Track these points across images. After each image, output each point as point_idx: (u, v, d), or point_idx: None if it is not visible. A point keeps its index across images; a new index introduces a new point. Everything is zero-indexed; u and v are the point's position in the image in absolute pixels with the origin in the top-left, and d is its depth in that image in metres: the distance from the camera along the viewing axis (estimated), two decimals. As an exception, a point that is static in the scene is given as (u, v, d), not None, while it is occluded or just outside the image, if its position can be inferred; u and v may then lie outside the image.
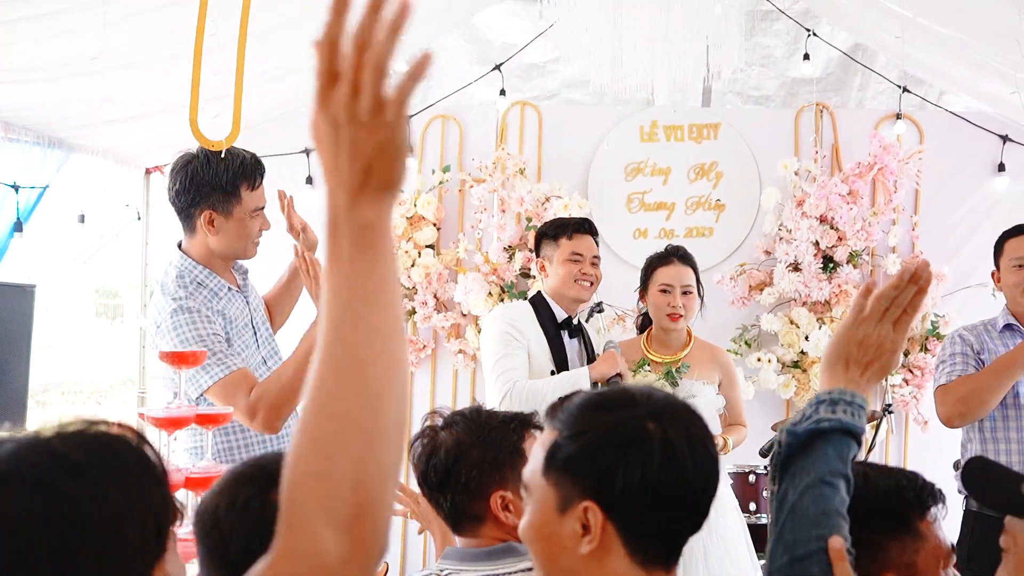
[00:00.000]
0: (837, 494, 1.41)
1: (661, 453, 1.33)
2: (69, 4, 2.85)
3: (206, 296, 2.88)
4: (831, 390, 1.48)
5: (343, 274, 1.02)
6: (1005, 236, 3.59)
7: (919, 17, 4.24)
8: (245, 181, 2.96)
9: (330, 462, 0.98)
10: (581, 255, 3.67)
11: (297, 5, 3.55)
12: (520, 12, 5.48)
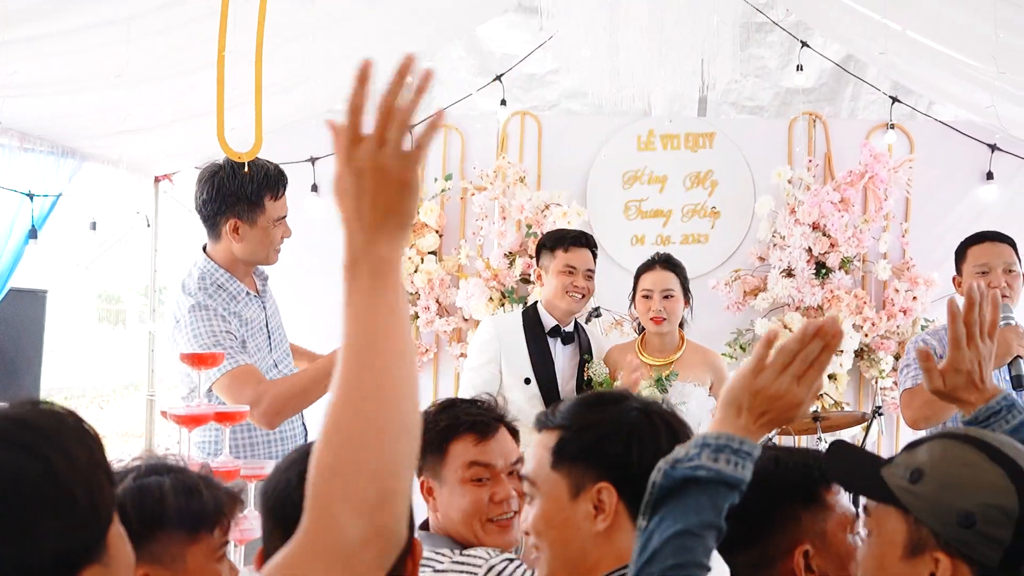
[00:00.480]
0: (702, 545, 1.36)
1: (666, 435, 1.53)
2: (94, 20, 2.98)
3: (224, 298, 3.02)
4: (719, 435, 1.41)
5: (363, 305, 1.17)
6: (968, 243, 3.72)
7: (908, 30, 4.38)
8: (269, 192, 3.10)
9: (355, 455, 1.13)
10: (574, 268, 3.84)
11: (301, 21, 3.67)
12: (521, 24, 5.62)
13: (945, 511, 1.31)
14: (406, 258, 5.32)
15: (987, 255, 3.61)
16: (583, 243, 3.94)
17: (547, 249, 3.96)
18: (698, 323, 4.61)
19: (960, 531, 1.30)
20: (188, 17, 3.27)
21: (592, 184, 5.46)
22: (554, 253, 3.90)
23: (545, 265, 3.96)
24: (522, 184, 5.33)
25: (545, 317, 3.91)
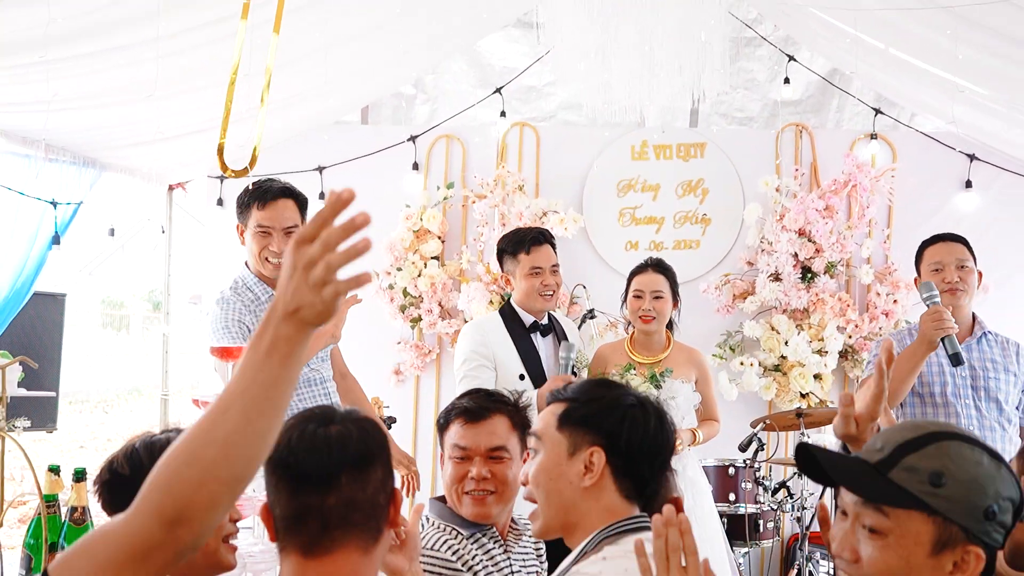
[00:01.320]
0: None
1: (655, 423, 1.87)
2: (126, 41, 3.22)
3: (249, 298, 3.31)
4: None
5: (255, 359, 1.33)
6: (924, 245, 3.95)
7: (889, 47, 4.62)
8: (256, 200, 3.41)
9: (177, 475, 1.32)
10: (540, 268, 4.02)
11: (314, 39, 3.90)
12: (520, 38, 5.84)
13: (973, 508, 1.47)
14: (410, 263, 5.53)
15: (940, 254, 3.84)
16: (542, 240, 4.08)
17: (508, 254, 4.12)
18: (689, 325, 4.84)
19: (986, 524, 1.47)
20: (208, 38, 3.50)
21: (588, 192, 5.68)
22: (517, 257, 4.06)
23: (510, 269, 4.12)
24: (521, 192, 5.55)
25: (523, 315, 4.09)
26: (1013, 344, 3.89)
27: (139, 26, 3.13)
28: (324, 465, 1.59)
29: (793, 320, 5.38)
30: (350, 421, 1.66)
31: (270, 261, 3.38)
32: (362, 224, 1.34)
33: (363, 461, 1.63)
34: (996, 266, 5.35)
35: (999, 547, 1.49)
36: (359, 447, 1.63)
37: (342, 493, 1.60)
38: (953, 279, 3.74)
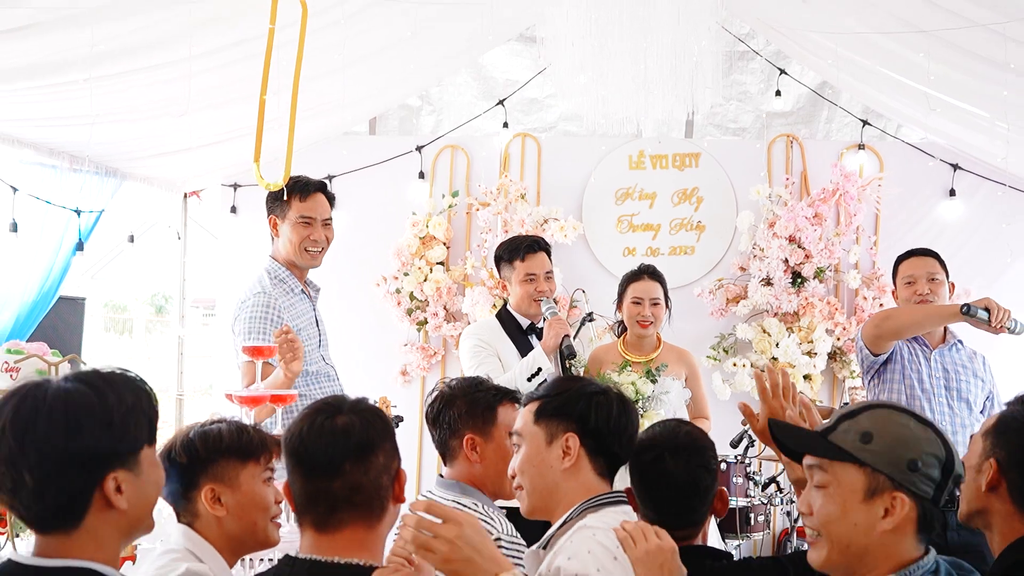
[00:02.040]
0: None
1: (617, 405, 2.12)
2: (161, 60, 3.45)
3: (284, 290, 3.54)
4: None
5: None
6: (899, 259, 4.29)
7: (872, 63, 4.85)
8: (297, 193, 3.64)
9: None
10: (535, 274, 4.23)
11: (331, 60, 4.12)
12: (522, 52, 6.07)
13: (898, 460, 1.74)
14: (417, 268, 5.75)
15: (912, 268, 4.19)
16: (537, 248, 4.30)
17: (505, 261, 4.34)
18: (684, 327, 5.06)
19: (909, 474, 1.73)
20: (232, 58, 3.74)
21: (587, 200, 5.91)
22: (512, 264, 4.28)
23: (507, 276, 4.34)
24: (523, 200, 5.77)
25: (519, 318, 4.31)
26: (980, 356, 4.24)
27: (172, 47, 3.36)
28: (329, 454, 1.81)
29: (784, 323, 5.60)
30: (355, 412, 1.88)
31: (309, 251, 3.59)
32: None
33: (365, 449, 1.85)
34: (979, 272, 5.61)
35: (928, 497, 1.73)
36: (361, 436, 1.84)
37: (347, 478, 1.82)
38: (924, 291, 4.07)
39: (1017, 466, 1.87)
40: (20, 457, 1.51)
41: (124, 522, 1.61)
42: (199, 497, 2.05)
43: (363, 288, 5.82)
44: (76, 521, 1.56)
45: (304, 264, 3.65)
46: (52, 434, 1.51)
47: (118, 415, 1.57)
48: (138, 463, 1.61)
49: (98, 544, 1.58)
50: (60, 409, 1.52)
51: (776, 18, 5.20)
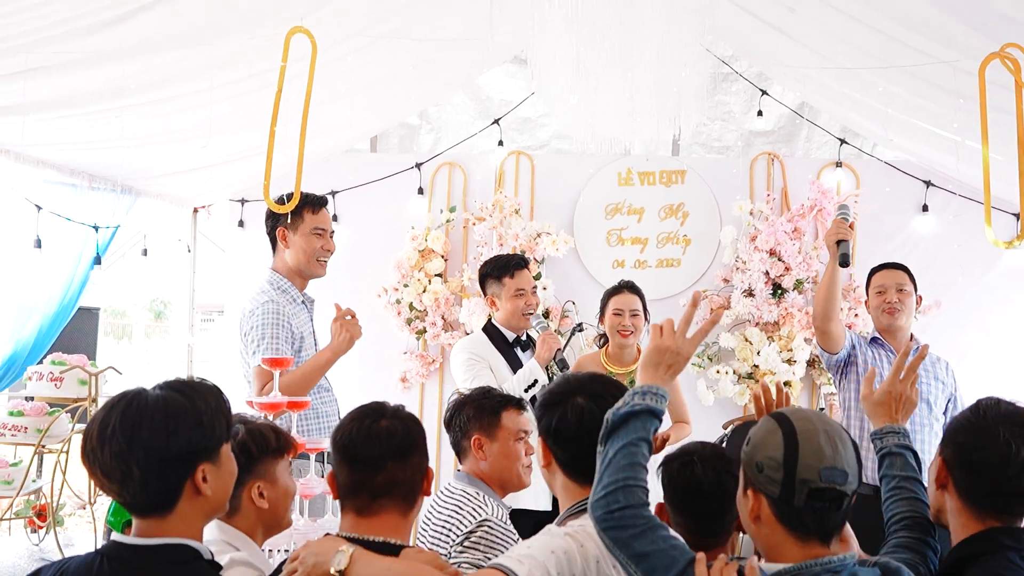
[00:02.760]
0: (640, 452, 2.01)
1: (573, 414, 2.25)
2: (186, 91, 3.75)
3: (287, 299, 3.76)
4: (644, 385, 2.08)
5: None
6: (872, 271, 4.60)
7: (850, 91, 5.15)
8: (308, 206, 3.88)
9: None
10: (523, 290, 4.52)
11: (338, 87, 4.41)
12: (516, 74, 6.37)
13: (751, 463, 1.96)
14: (416, 280, 6.04)
15: (883, 279, 4.51)
16: (523, 265, 4.59)
17: (492, 278, 4.62)
18: (647, 335, 5.34)
19: (758, 475, 1.94)
20: (247, 88, 4.03)
21: (578, 215, 6.19)
22: (501, 280, 4.57)
23: (495, 292, 4.62)
24: (517, 215, 6.06)
25: (506, 332, 4.61)
26: (943, 361, 4.54)
27: (195, 80, 3.66)
28: (374, 453, 2.10)
29: (765, 332, 5.89)
30: (396, 418, 2.16)
31: (320, 260, 3.86)
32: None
33: (405, 450, 2.13)
34: (950, 283, 5.90)
35: (776, 496, 1.91)
36: (403, 440, 2.12)
37: (387, 474, 2.10)
38: (893, 300, 4.39)
39: (960, 465, 2.08)
40: (128, 454, 1.80)
41: (208, 507, 1.90)
42: (244, 493, 2.33)
43: (365, 299, 6.07)
44: (171, 506, 1.86)
45: (312, 273, 3.89)
46: (155, 434, 1.81)
47: (206, 417, 1.88)
48: (219, 456, 1.92)
49: (187, 525, 1.87)
50: (160, 413, 1.83)
51: (756, 44, 5.50)
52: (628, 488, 1.97)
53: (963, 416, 2.16)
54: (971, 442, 2.07)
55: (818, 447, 1.89)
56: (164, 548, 1.84)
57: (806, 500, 1.88)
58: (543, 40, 4.97)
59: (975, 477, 2.06)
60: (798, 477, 1.88)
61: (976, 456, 2.05)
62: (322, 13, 3.52)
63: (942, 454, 2.15)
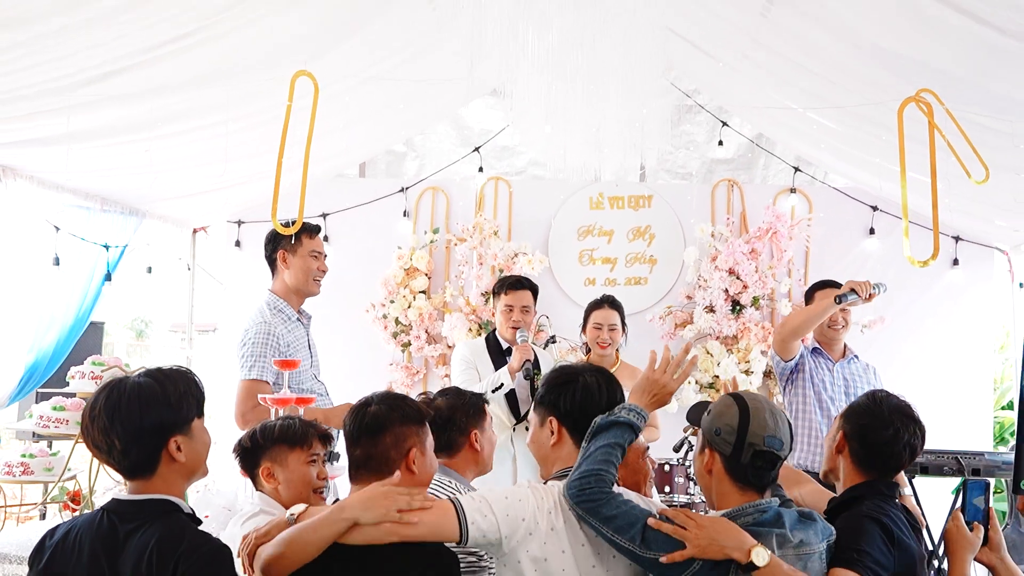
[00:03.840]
0: (615, 454, 2.47)
1: (582, 390, 2.67)
2: (206, 122, 4.20)
3: (282, 319, 4.18)
4: (631, 404, 2.58)
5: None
6: (813, 288, 5.09)
7: (799, 126, 5.67)
8: (306, 233, 4.30)
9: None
10: (511, 306, 4.97)
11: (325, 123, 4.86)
12: (495, 105, 6.84)
13: (710, 428, 2.50)
14: (401, 296, 6.48)
15: (828, 296, 4.95)
16: (519, 286, 5.04)
17: (494, 294, 5.14)
18: (639, 349, 5.73)
19: (715, 437, 2.48)
20: (256, 122, 4.49)
21: (553, 236, 6.67)
22: (498, 296, 5.06)
23: (495, 305, 5.14)
24: (496, 236, 6.52)
25: (501, 341, 5.08)
26: (872, 367, 5.10)
27: (210, 115, 4.13)
28: (352, 431, 2.52)
29: (724, 345, 6.38)
30: (381, 403, 2.57)
31: (316, 280, 4.29)
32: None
33: (375, 430, 2.51)
34: (894, 300, 6.39)
35: (727, 454, 2.45)
36: (372, 421, 2.53)
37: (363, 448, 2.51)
38: (837, 318, 4.90)
39: (859, 440, 2.68)
40: (110, 430, 2.22)
41: (184, 470, 2.31)
42: (259, 473, 2.77)
43: (354, 314, 6.53)
44: (153, 470, 2.27)
45: (309, 291, 4.31)
46: (131, 414, 2.23)
47: (174, 398, 2.28)
48: (191, 430, 2.31)
49: (168, 485, 2.29)
50: (135, 396, 2.25)
51: (714, 82, 6.02)
52: (599, 476, 2.42)
53: (863, 402, 2.75)
54: (869, 423, 2.66)
55: (764, 420, 2.46)
56: (149, 502, 2.26)
57: (750, 459, 2.43)
58: (518, 82, 5.44)
59: (868, 450, 2.65)
60: (747, 441, 2.44)
61: (872, 436, 2.65)
62: (323, 59, 3.98)
63: (842, 428, 2.71)
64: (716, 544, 2.29)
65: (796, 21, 4.24)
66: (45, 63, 3.36)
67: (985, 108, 4.16)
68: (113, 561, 2.19)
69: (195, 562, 2.12)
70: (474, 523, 2.39)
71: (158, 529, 2.19)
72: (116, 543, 2.20)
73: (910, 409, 2.71)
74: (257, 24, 3.79)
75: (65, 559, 2.25)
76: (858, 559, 2.41)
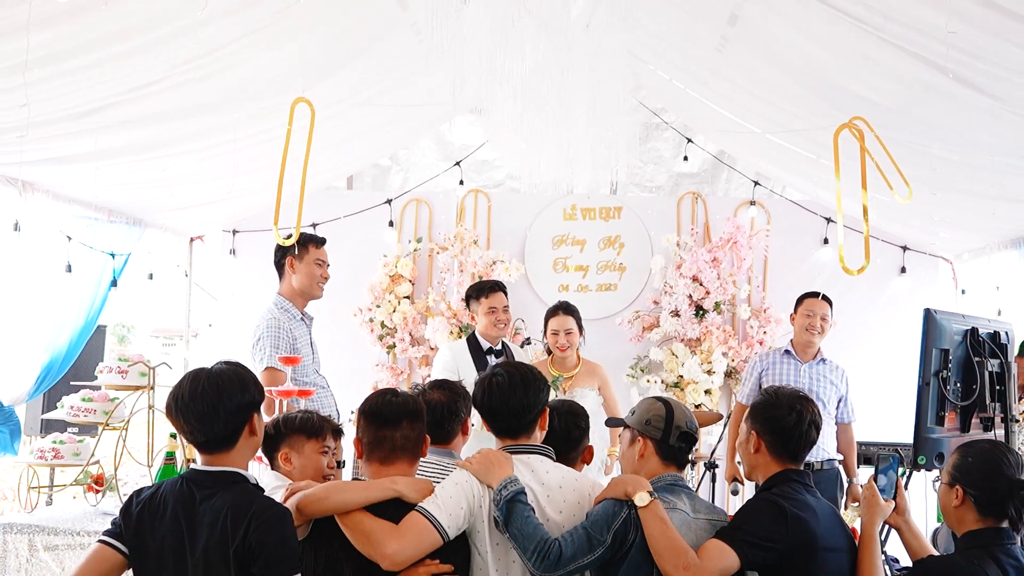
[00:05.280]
0: (527, 513, 2.72)
1: (483, 388, 3.06)
2: (210, 143, 4.64)
3: (288, 317, 4.60)
4: (501, 484, 2.76)
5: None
6: (803, 296, 5.57)
7: (756, 144, 6.15)
8: (312, 242, 4.72)
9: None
10: (495, 307, 5.39)
11: (320, 141, 5.30)
12: (475, 122, 7.30)
13: (640, 421, 2.97)
14: (387, 301, 6.91)
15: (813, 307, 5.51)
16: (497, 289, 5.45)
17: (473, 298, 5.52)
18: (608, 351, 6.25)
19: (645, 427, 2.95)
20: (259, 140, 4.93)
21: (529, 245, 7.12)
22: (479, 300, 5.44)
23: (474, 309, 5.52)
24: (475, 245, 6.95)
25: (482, 342, 5.47)
26: (840, 369, 5.56)
27: (219, 135, 4.57)
28: (395, 415, 2.88)
29: (688, 347, 6.84)
30: (406, 395, 2.98)
31: (320, 285, 4.71)
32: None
33: (415, 414, 2.89)
34: (846, 306, 6.86)
35: (657, 438, 2.93)
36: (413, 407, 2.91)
37: (403, 431, 2.87)
38: (816, 325, 5.41)
39: (770, 431, 3.02)
40: (218, 403, 2.57)
41: (254, 444, 2.71)
42: (277, 456, 3.18)
43: (342, 318, 6.92)
44: (233, 443, 2.64)
45: (314, 294, 4.72)
46: (233, 390, 2.60)
47: (249, 382, 2.68)
48: (260, 412, 2.72)
49: (241, 459, 2.66)
50: (234, 377, 2.63)
51: (679, 102, 6.50)
52: (544, 541, 2.71)
53: (762, 400, 3.11)
54: (775, 415, 3.02)
55: (683, 411, 2.99)
56: (224, 473, 2.62)
57: (677, 440, 2.93)
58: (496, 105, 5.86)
59: (778, 436, 3.01)
60: (674, 425, 2.94)
61: (780, 423, 3.01)
62: (319, 87, 4.42)
63: (752, 428, 3.07)
64: (619, 486, 2.78)
65: (748, 56, 4.72)
66: (76, 92, 3.79)
67: (917, 135, 4.66)
68: (191, 520, 2.55)
69: (264, 522, 2.48)
70: (448, 526, 2.73)
71: (231, 495, 2.55)
72: (194, 506, 2.56)
73: (801, 393, 3.09)
74: (259, 55, 4.23)
75: (152, 515, 2.59)
76: (732, 533, 2.81)
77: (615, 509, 2.73)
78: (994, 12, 3.17)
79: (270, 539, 2.47)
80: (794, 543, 2.80)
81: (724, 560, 2.73)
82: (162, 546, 2.56)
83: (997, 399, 3.51)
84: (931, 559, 2.91)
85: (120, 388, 4.07)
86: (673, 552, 2.67)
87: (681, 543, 2.71)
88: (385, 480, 2.78)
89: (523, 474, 2.87)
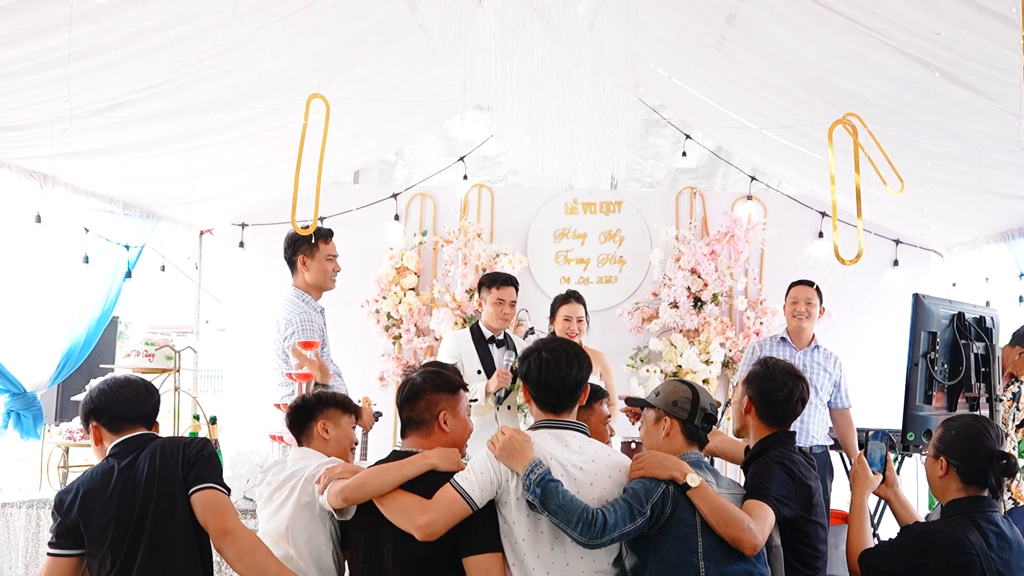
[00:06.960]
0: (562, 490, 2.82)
1: (536, 365, 3.20)
2: (230, 136, 4.81)
3: (307, 308, 4.76)
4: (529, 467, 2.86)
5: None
6: (790, 286, 5.75)
7: (752, 140, 6.33)
8: (322, 238, 4.87)
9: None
10: (503, 300, 5.52)
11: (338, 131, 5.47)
12: (478, 119, 7.46)
13: (666, 402, 3.13)
14: (393, 293, 7.08)
15: (797, 293, 5.68)
16: (508, 283, 5.58)
17: (484, 286, 5.65)
18: (610, 341, 6.42)
19: (672, 407, 3.11)
20: (276, 135, 5.10)
21: (531, 238, 7.28)
22: (489, 290, 5.58)
23: (484, 297, 5.65)
24: (479, 239, 7.13)
25: (485, 331, 5.62)
26: (833, 356, 5.72)
27: (237, 129, 4.74)
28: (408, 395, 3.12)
29: (687, 338, 7.01)
30: (417, 375, 3.17)
31: (332, 278, 4.87)
32: None
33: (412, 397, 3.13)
34: (841, 297, 7.07)
35: (684, 419, 3.09)
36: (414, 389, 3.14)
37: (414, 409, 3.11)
38: (802, 310, 5.59)
39: (762, 400, 3.25)
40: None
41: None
42: (315, 425, 3.34)
43: (349, 309, 7.08)
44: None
45: (326, 287, 4.89)
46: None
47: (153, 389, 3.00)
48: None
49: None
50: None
51: (678, 100, 6.67)
52: (587, 511, 2.86)
53: (760, 370, 3.33)
54: (767, 387, 3.25)
55: (707, 394, 3.18)
56: (141, 435, 2.99)
57: (701, 420, 3.11)
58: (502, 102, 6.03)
59: (769, 406, 3.25)
60: (699, 406, 3.12)
61: (772, 396, 3.24)
62: (331, 84, 4.60)
63: (747, 393, 3.30)
64: (663, 467, 2.91)
65: (745, 55, 4.90)
66: (107, 86, 3.96)
67: (907, 131, 4.84)
68: (131, 470, 2.90)
69: (194, 442, 2.93)
70: (477, 498, 2.89)
71: (158, 441, 2.98)
72: (133, 464, 2.92)
73: (796, 370, 3.30)
74: (276, 55, 4.41)
75: (91, 497, 2.89)
76: (764, 492, 3.02)
77: (653, 485, 2.90)
78: (979, 13, 3.35)
79: (205, 452, 2.94)
80: (801, 498, 3.07)
81: (769, 516, 2.96)
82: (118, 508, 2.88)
83: (982, 380, 3.70)
84: (917, 524, 3.11)
85: (147, 371, 4.25)
86: (736, 518, 2.87)
87: (737, 510, 2.92)
88: (417, 456, 2.97)
89: (557, 448, 3.01)
